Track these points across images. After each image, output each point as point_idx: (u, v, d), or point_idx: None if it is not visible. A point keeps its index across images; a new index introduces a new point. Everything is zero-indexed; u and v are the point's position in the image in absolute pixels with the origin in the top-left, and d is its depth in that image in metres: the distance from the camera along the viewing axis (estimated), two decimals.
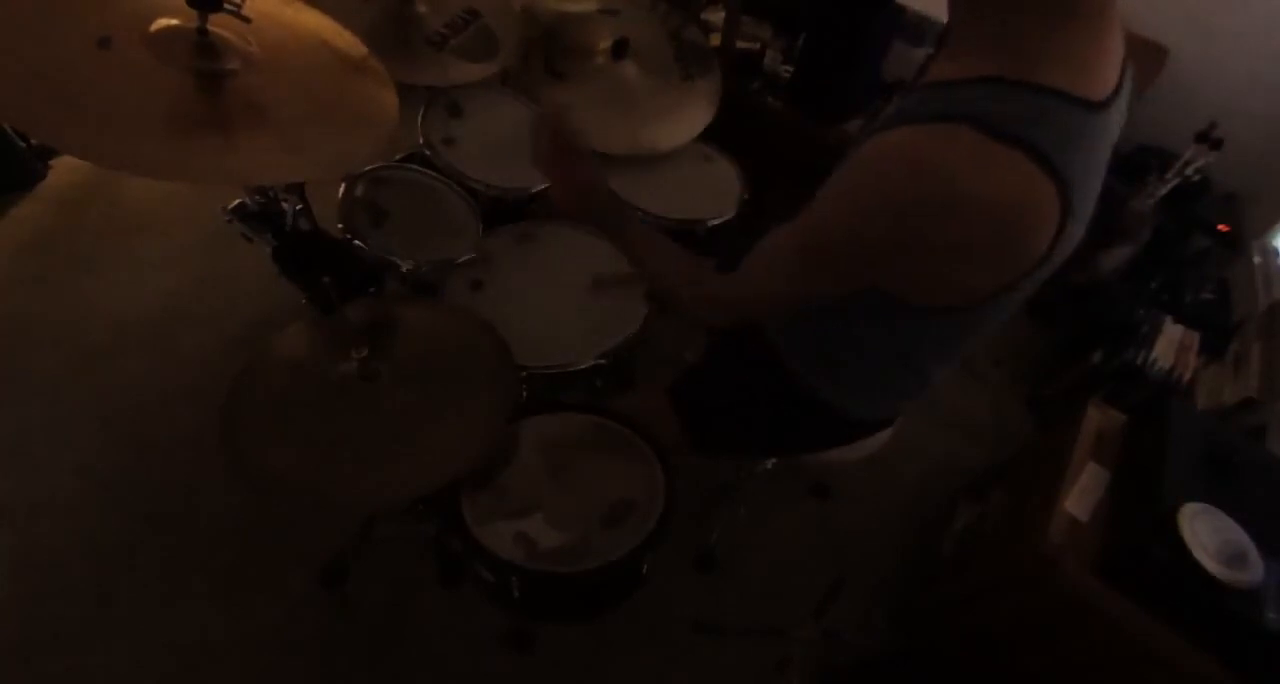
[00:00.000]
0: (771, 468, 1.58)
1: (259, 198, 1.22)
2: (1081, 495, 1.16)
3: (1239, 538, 1.02)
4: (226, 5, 0.87)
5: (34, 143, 1.99)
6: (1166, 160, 1.98)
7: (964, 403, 2.04)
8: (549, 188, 0.96)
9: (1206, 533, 1.01)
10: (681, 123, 1.49)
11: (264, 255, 1.28)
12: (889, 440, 1.18)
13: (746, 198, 1.51)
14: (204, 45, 0.86)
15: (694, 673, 1.40)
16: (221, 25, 0.88)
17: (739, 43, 2.08)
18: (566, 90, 1.42)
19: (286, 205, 1.21)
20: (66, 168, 2.06)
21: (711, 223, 1.43)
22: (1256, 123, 2.08)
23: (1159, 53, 2.18)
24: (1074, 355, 2.04)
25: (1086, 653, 1.11)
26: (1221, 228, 2.09)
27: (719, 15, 2.11)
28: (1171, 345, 1.82)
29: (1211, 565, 0.98)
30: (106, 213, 2.00)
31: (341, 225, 1.21)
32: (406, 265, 1.20)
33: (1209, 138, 1.86)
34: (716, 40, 2.01)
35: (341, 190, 1.26)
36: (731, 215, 1.46)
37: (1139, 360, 1.78)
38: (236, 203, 1.24)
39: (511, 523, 0.96)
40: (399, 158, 1.42)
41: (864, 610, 1.53)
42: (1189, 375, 1.76)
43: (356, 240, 1.20)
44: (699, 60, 1.53)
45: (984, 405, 2.06)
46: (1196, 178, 1.96)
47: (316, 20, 1.04)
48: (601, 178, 0.94)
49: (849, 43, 1.78)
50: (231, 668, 1.28)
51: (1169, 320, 1.88)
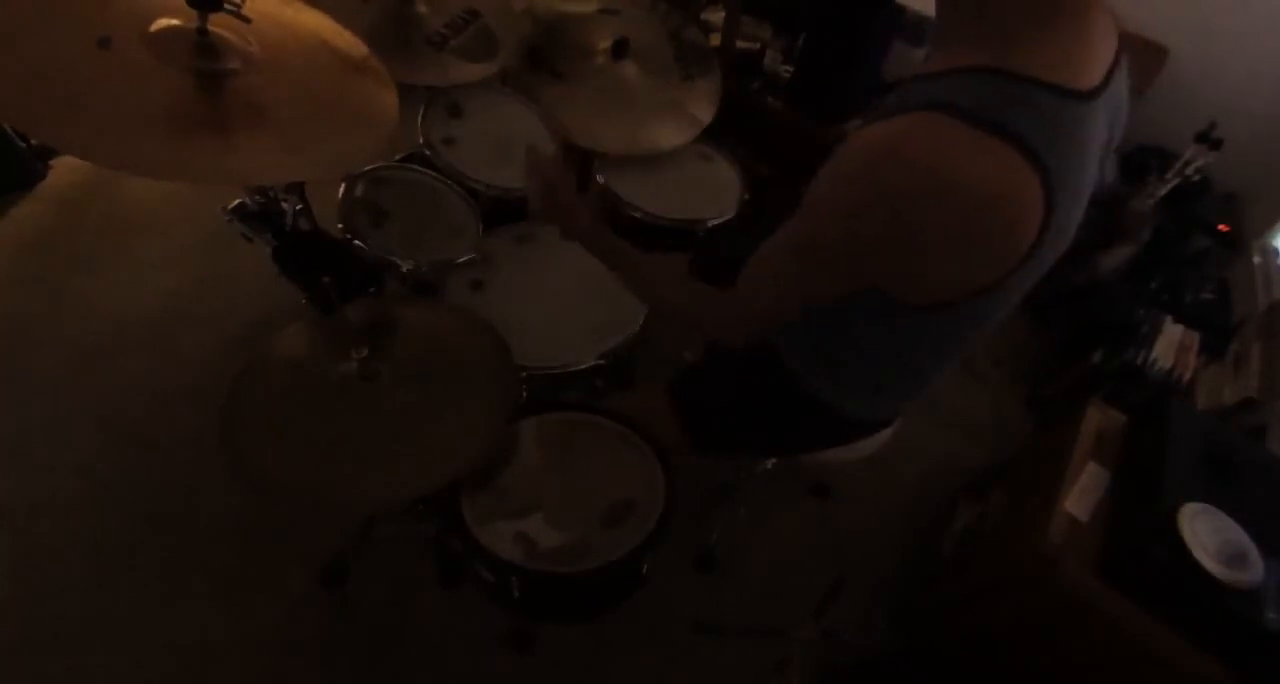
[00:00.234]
0: (771, 468, 1.58)
1: (259, 198, 1.22)
2: (1081, 495, 1.16)
3: (1239, 538, 1.02)
4: (226, 5, 0.87)
5: (34, 143, 1.99)
6: (1166, 160, 1.98)
7: (964, 403, 2.04)
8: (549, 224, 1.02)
9: (1206, 533, 1.01)
10: (681, 123, 1.49)
11: (264, 255, 1.28)
12: (889, 440, 1.18)
13: (746, 198, 1.51)
14: (204, 45, 0.86)
15: (694, 673, 1.40)
16: (221, 25, 0.88)
17: (739, 43, 2.09)
18: (566, 90, 1.42)
19: (286, 205, 1.21)
20: (66, 168, 2.06)
21: (711, 223, 1.43)
22: (1256, 123, 2.08)
23: (1159, 53, 2.18)
24: (1074, 355, 2.04)
25: (1086, 653, 1.11)
26: (1221, 228, 2.09)
27: (719, 15, 2.11)
28: (1171, 345, 1.82)
29: (1211, 565, 0.98)
30: (106, 213, 2.00)
31: (341, 225, 1.21)
32: (406, 265, 1.20)
33: (1209, 138, 1.87)
34: (716, 40, 2.02)
35: (341, 190, 1.26)
36: (731, 215, 1.46)
37: (1139, 360, 1.78)
38: (236, 203, 1.24)
39: (511, 523, 0.96)
40: (399, 158, 1.41)
41: (864, 610, 1.53)
42: (1189, 375, 1.76)
43: (356, 240, 1.20)
44: (699, 60, 1.53)
45: (984, 405, 2.06)
46: (1196, 178, 1.96)
47: (316, 20, 1.04)
48: (595, 213, 0.98)
49: (849, 43, 1.78)
50: (231, 668, 1.28)
51: (1169, 320, 1.88)
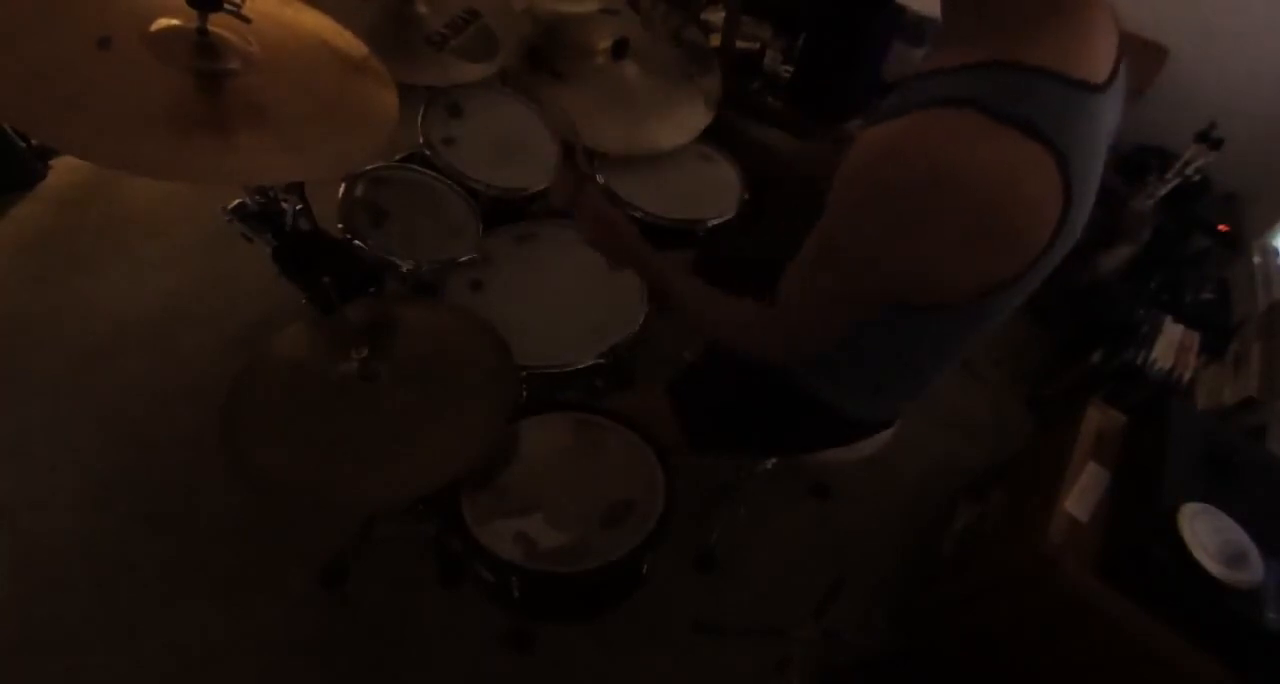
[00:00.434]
0: (771, 468, 1.58)
1: (259, 198, 1.22)
2: (1081, 495, 1.16)
3: (1239, 538, 1.02)
4: (226, 5, 0.87)
5: (34, 143, 1.99)
6: (1166, 160, 1.98)
7: (964, 403, 2.04)
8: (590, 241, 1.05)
9: (1206, 533, 1.01)
10: (681, 123, 1.49)
11: (264, 255, 1.28)
12: (889, 440, 1.18)
13: (746, 198, 1.51)
14: (204, 45, 0.86)
15: (694, 673, 1.40)
16: (221, 25, 0.88)
17: (739, 43, 2.08)
18: (566, 90, 1.42)
19: (286, 205, 1.21)
20: (66, 168, 2.06)
21: (711, 223, 1.43)
22: (1256, 123, 2.08)
23: (1159, 53, 2.18)
24: (1074, 355, 2.04)
25: (1086, 653, 1.11)
26: (1221, 228, 2.09)
27: (719, 15, 2.11)
28: (1171, 345, 1.81)
29: (1211, 565, 0.98)
30: (106, 213, 2.00)
31: (341, 225, 1.21)
32: (406, 265, 1.20)
33: (1209, 138, 1.87)
34: (716, 40, 2.02)
35: (341, 190, 1.26)
36: (731, 215, 1.46)
37: (1139, 360, 1.78)
38: (236, 203, 1.24)
39: (511, 523, 0.96)
40: (399, 158, 1.41)
41: (864, 610, 1.53)
42: (1189, 375, 1.76)
43: (356, 240, 1.20)
44: (699, 60, 1.53)
45: (984, 405, 2.06)
46: (1196, 178, 1.96)
47: (316, 20, 1.04)
48: (635, 234, 1.00)
49: (849, 43, 1.78)
50: (231, 668, 1.28)
51: (1169, 320, 1.88)
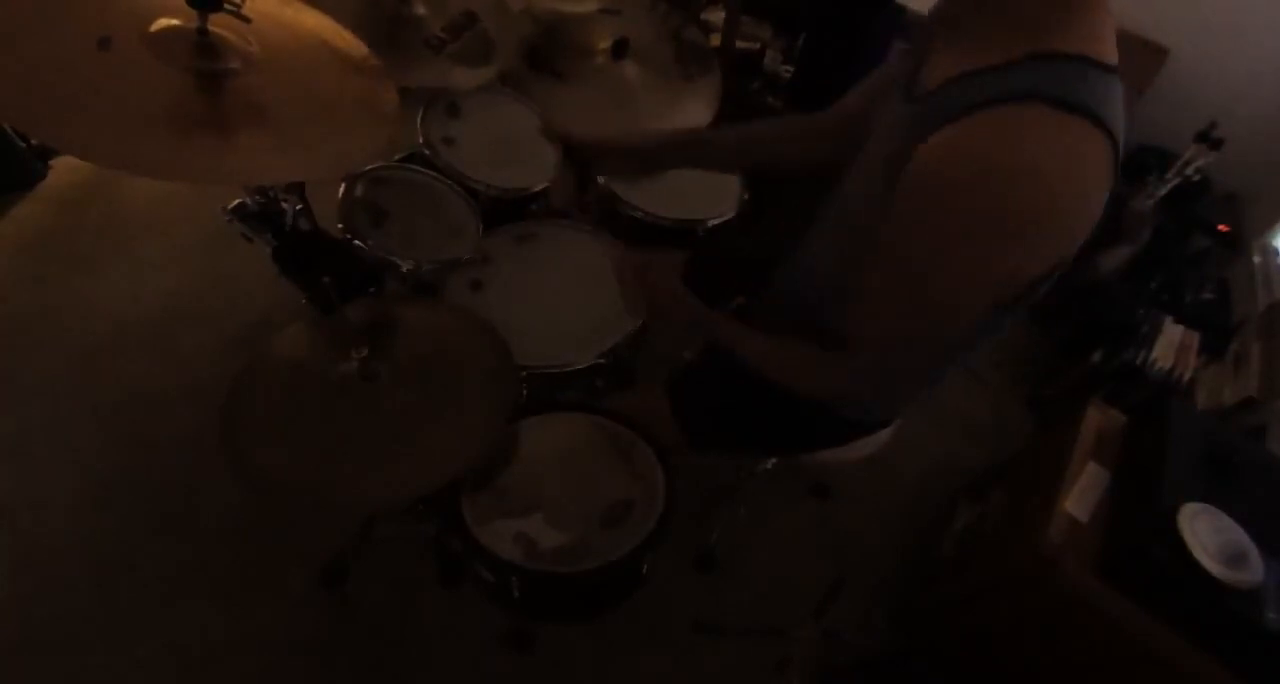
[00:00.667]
0: (771, 468, 1.57)
1: (259, 198, 1.22)
2: (1081, 495, 1.16)
3: (1239, 538, 1.02)
4: (226, 5, 0.87)
5: (34, 143, 1.99)
6: (1166, 160, 1.98)
7: (964, 403, 2.04)
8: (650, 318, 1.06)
9: (1206, 533, 1.01)
10: (681, 123, 1.49)
11: (264, 255, 1.28)
12: (889, 440, 1.18)
13: (746, 198, 1.51)
14: (204, 45, 0.86)
15: (694, 673, 1.40)
16: (221, 25, 0.88)
17: (739, 43, 2.09)
18: (566, 90, 1.42)
19: (286, 205, 1.21)
20: (66, 168, 2.06)
21: (711, 223, 1.43)
22: (1256, 123, 2.08)
23: (1159, 53, 2.18)
24: (1074, 355, 2.04)
25: (1086, 653, 1.11)
26: (1221, 228, 2.09)
27: (719, 15, 2.11)
28: (1171, 345, 1.81)
29: (1211, 565, 0.98)
30: (106, 213, 2.00)
31: (341, 225, 1.21)
32: (406, 265, 1.20)
33: (1209, 138, 1.86)
34: (716, 40, 2.02)
35: (341, 190, 1.26)
36: (731, 215, 1.45)
37: (1139, 360, 1.78)
38: (236, 203, 1.24)
39: (511, 523, 0.96)
40: (399, 158, 1.41)
41: (864, 610, 1.53)
42: (1189, 375, 1.76)
43: (356, 240, 1.19)
44: (699, 60, 1.53)
45: (984, 405, 2.06)
46: (1196, 178, 1.96)
47: (316, 20, 1.04)
48: (690, 301, 0.98)
49: (849, 43, 1.78)
50: (231, 668, 1.28)
51: (1169, 320, 1.88)
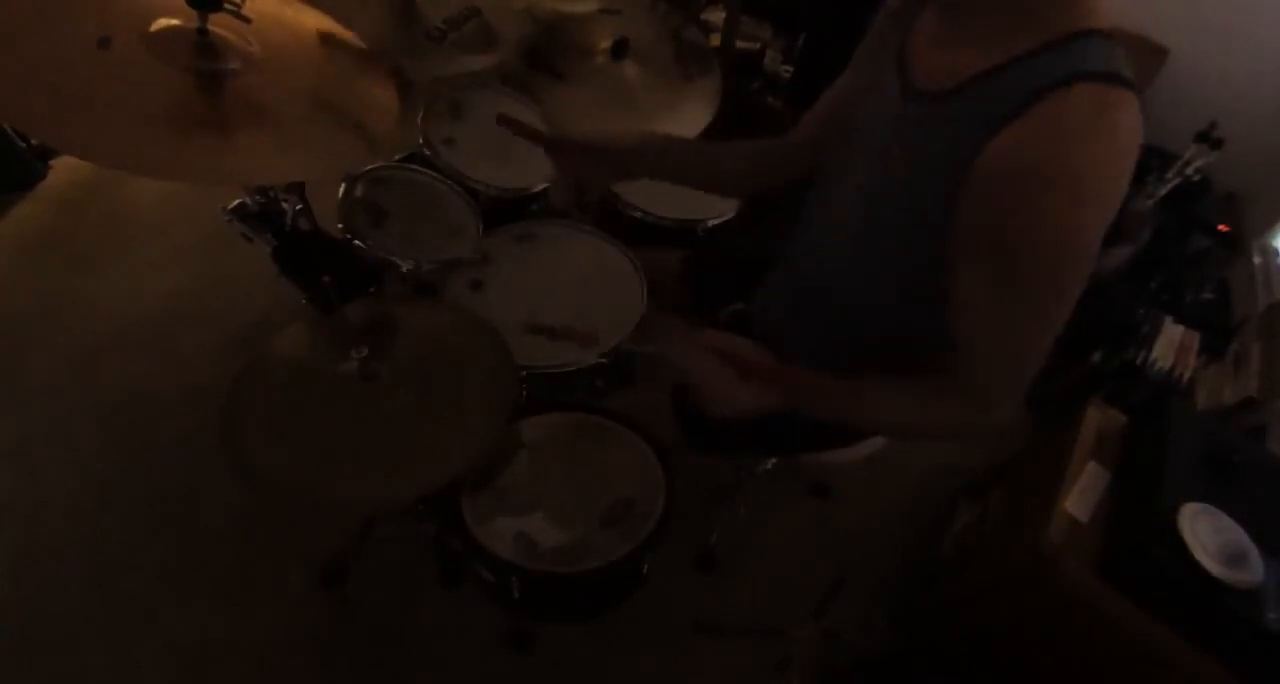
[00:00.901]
0: (771, 468, 1.57)
1: (259, 198, 1.22)
2: (1081, 495, 1.16)
3: (1239, 538, 1.02)
4: (226, 5, 0.87)
5: (34, 143, 1.99)
6: (1166, 160, 1.98)
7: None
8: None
9: (1206, 533, 1.01)
10: (681, 123, 1.49)
11: (264, 255, 1.28)
12: (889, 441, 1.18)
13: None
14: (204, 45, 0.86)
15: (694, 673, 1.40)
16: (221, 25, 0.88)
17: (739, 43, 2.09)
18: (566, 90, 1.42)
19: (286, 205, 1.21)
20: (66, 168, 2.06)
21: (711, 223, 1.43)
22: (1256, 123, 2.08)
23: (1159, 53, 2.18)
24: (1074, 355, 2.04)
25: (1086, 653, 1.11)
26: (1221, 228, 2.08)
27: (719, 15, 2.11)
28: (1171, 345, 1.81)
29: (1211, 565, 0.98)
30: (106, 213, 2.00)
31: (341, 225, 1.21)
32: (406, 265, 1.20)
33: (1209, 138, 1.86)
34: (716, 40, 2.02)
35: (341, 190, 1.26)
36: (731, 215, 1.46)
37: (1139, 360, 1.78)
38: (236, 203, 1.24)
39: (511, 523, 0.96)
40: (399, 158, 1.41)
41: (864, 610, 1.53)
42: (1189, 375, 1.76)
43: (356, 240, 1.20)
44: (699, 60, 1.53)
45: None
46: (1196, 178, 1.96)
47: (316, 20, 1.04)
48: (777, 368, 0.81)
49: (849, 43, 1.78)
50: (231, 668, 1.28)
51: (1169, 320, 1.88)
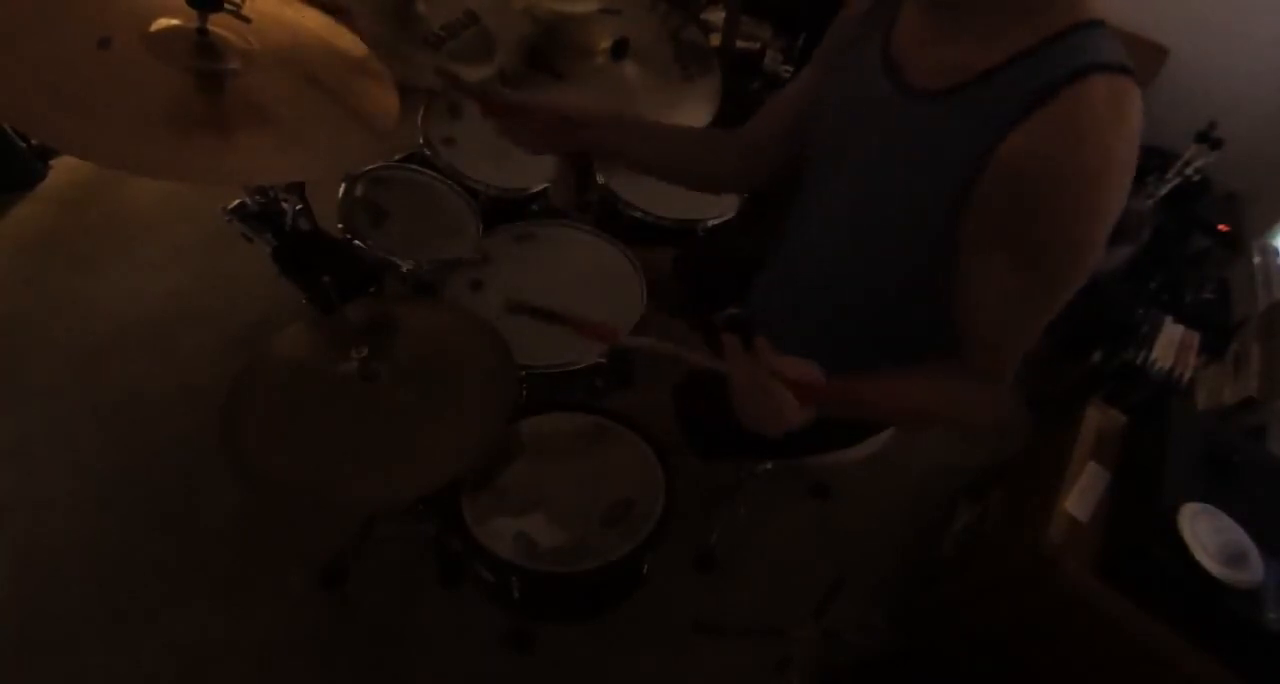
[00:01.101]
0: (771, 468, 1.57)
1: (259, 198, 1.22)
2: (1081, 495, 1.16)
3: (1239, 538, 1.02)
4: (226, 5, 0.87)
5: (34, 143, 1.99)
6: (1166, 160, 1.98)
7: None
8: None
9: (1206, 533, 1.01)
10: (682, 123, 1.48)
11: (264, 255, 1.28)
12: (889, 440, 1.17)
13: (746, 197, 1.51)
14: (204, 45, 0.86)
15: (694, 673, 1.40)
16: (221, 25, 0.88)
17: (739, 43, 2.09)
18: (566, 90, 1.42)
19: (286, 205, 1.21)
20: (66, 168, 2.06)
21: (711, 222, 1.43)
22: (1256, 123, 2.08)
23: (1159, 53, 2.18)
24: (1074, 355, 2.04)
25: (1086, 653, 1.11)
26: (1221, 228, 2.09)
27: (719, 15, 2.11)
28: (1171, 345, 1.81)
29: (1211, 565, 0.98)
30: (106, 213, 2.00)
31: (341, 225, 1.21)
32: (406, 265, 1.20)
33: (1209, 138, 1.86)
34: (716, 40, 2.02)
35: (341, 190, 1.26)
36: (731, 215, 1.46)
37: (1139, 360, 1.78)
38: (236, 203, 1.24)
39: (511, 522, 0.96)
40: (399, 158, 1.41)
41: (864, 610, 1.53)
42: (1189, 375, 1.76)
43: (356, 240, 1.20)
44: (699, 60, 1.53)
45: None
46: (1196, 178, 1.96)
47: (316, 20, 1.04)
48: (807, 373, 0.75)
49: None
50: (231, 668, 1.28)
51: (1169, 320, 1.88)
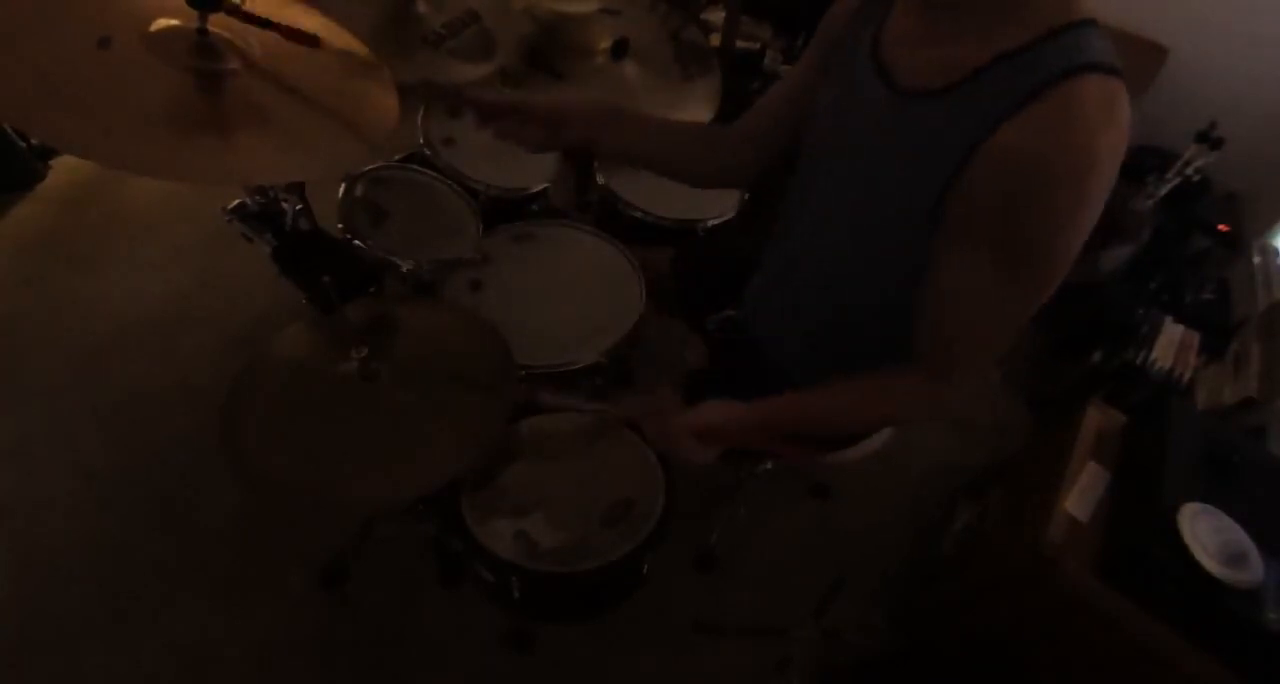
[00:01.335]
0: (771, 468, 1.57)
1: (259, 198, 1.22)
2: (1081, 495, 1.16)
3: (1239, 538, 1.02)
4: (226, 5, 0.87)
5: (34, 143, 1.99)
6: (1166, 160, 1.98)
7: (964, 403, 2.04)
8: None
9: (1206, 533, 1.01)
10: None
11: (264, 255, 1.28)
12: (889, 440, 1.18)
13: (746, 197, 1.51)
14: (204, 45, 0.86)
15: (694, 673, 1.40)
16: (221, 25, 0.88)
17: (739, 43, 2.09)
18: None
19: (286, 205, 1.22)
20: (66, 168, 2.06)
21: (711, 222, 1.43)
22: (1256, 123, 2.08)
23: (1159, 53, 2.18)
24: (1074, 355, 2.04)
25: (1086, 653, 1.11)
26: (1221, 228, 2.09)
27: (719, 15, 2.11)
28: (1171, 345, 1.81)
29: (1211, 565, 0.98)
30: (106, 213, 2.00)
31: (341, 225, 1.21)
32: (406, 265, 1.20)
33: (1209, 138, 1.86)
34: (716, 40, 2.02)
35: (341, 190, 1.26)
36: (731, 215, 1.46)
37: (1139, 360, 1.78)
38: (236, 203, 1.24)
39: (511, 522, 0.96)
40: (399, 158, 1.42)
41: (864, 610, 1.53)
42: (1189, 375, 1.76)
43: (356, 240, 1.20)
44: (699, 60, 1.53)
45: (984, 405, 2.06)
46: (1196, 178, 1.96)
47: (316, 20, 1.04)
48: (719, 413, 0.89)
49: None
50: (231, 668, 1.28)
51: (1169, 320, 1.88)
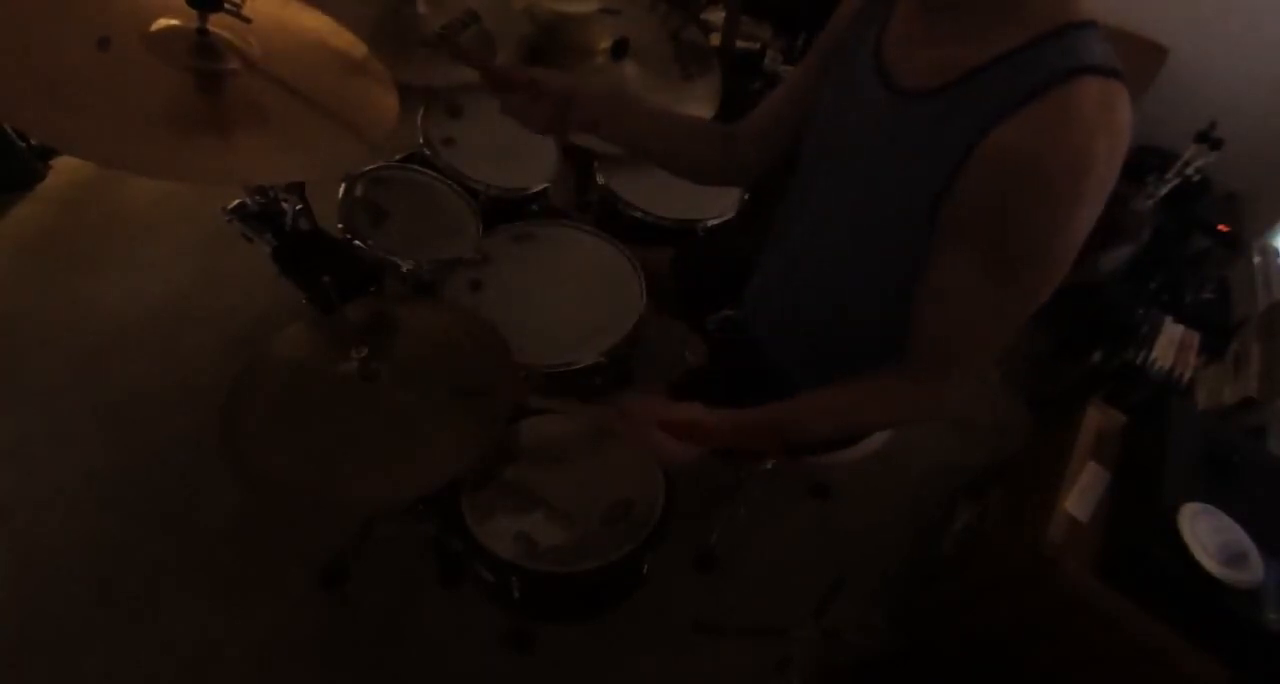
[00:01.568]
0: (771, 468, 1.57)
1: (259, 198, 1.22)
2: (1081, 495, 1.16)
3: (1239, 538, 1.02)
4: (226, 5, 0.87)
5: (34, 143, 1.99)
6: (1166, 160, 1.98)
7: (964, 403, 2.04)
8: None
9: (1206, 533, 1.01)
10: None
11: (264, 255, 1.28)
12: (889, 440, 1.18)
13: (746, 198, 1.51)
14: (204, 45, 0.86)
15: (694, 673, 1.40)
16: (221, 25, 0.88)
17: (739, 43, 2.09)
18: None
19: (286, 205, 1.22)
20: (66, 168, 2.06)
21: (711, 222, 1.43)
22: (1256, 123, 2.08)
23: (1159, 53, 2.18)
24: (1074, 355, 2.04)
25: (1086, 653, 1.11)
26: (1221, 228, 2.09)
27: (719, 15, 2.11)
28: (1171, 345, 1.81)
29: (1211, 565, 0.98)
30: (106, 213, 2.00)
31: (341, 225, 1.21)
32: (406, 265, 1.20)
33: (1209, 138, 1.86)
34: (716, 40, 2.02)
35: (341, 190, 1.26)
36: (731, 215, 1.46)
37: (1139, 360, 1.78)
38: (236, 203, 1.24)
39: (511, 522, 0.96)
40: (399, 158, 1.41)
41: (864, 610, 1.53)
42: (1189, 375, 1.76)
43: (356, 240, 1.20)
44: (699, 60, 1.53)
45: (984, 405, 2.06)
46: (1196, 178, 1.96)
47: (316, 20, 1.04)
48: (715, 415, 0.84)
49: None
50: (231, 668, 1.28)
51: (1169, 320, 1.88)
